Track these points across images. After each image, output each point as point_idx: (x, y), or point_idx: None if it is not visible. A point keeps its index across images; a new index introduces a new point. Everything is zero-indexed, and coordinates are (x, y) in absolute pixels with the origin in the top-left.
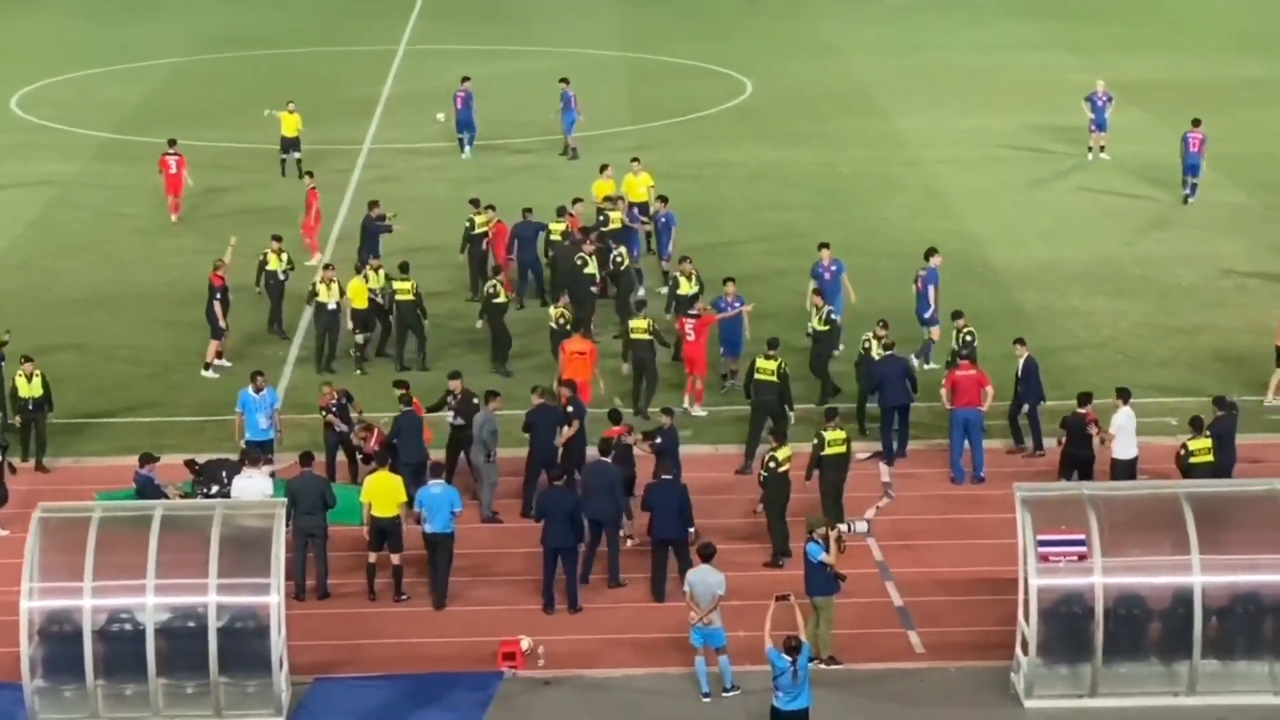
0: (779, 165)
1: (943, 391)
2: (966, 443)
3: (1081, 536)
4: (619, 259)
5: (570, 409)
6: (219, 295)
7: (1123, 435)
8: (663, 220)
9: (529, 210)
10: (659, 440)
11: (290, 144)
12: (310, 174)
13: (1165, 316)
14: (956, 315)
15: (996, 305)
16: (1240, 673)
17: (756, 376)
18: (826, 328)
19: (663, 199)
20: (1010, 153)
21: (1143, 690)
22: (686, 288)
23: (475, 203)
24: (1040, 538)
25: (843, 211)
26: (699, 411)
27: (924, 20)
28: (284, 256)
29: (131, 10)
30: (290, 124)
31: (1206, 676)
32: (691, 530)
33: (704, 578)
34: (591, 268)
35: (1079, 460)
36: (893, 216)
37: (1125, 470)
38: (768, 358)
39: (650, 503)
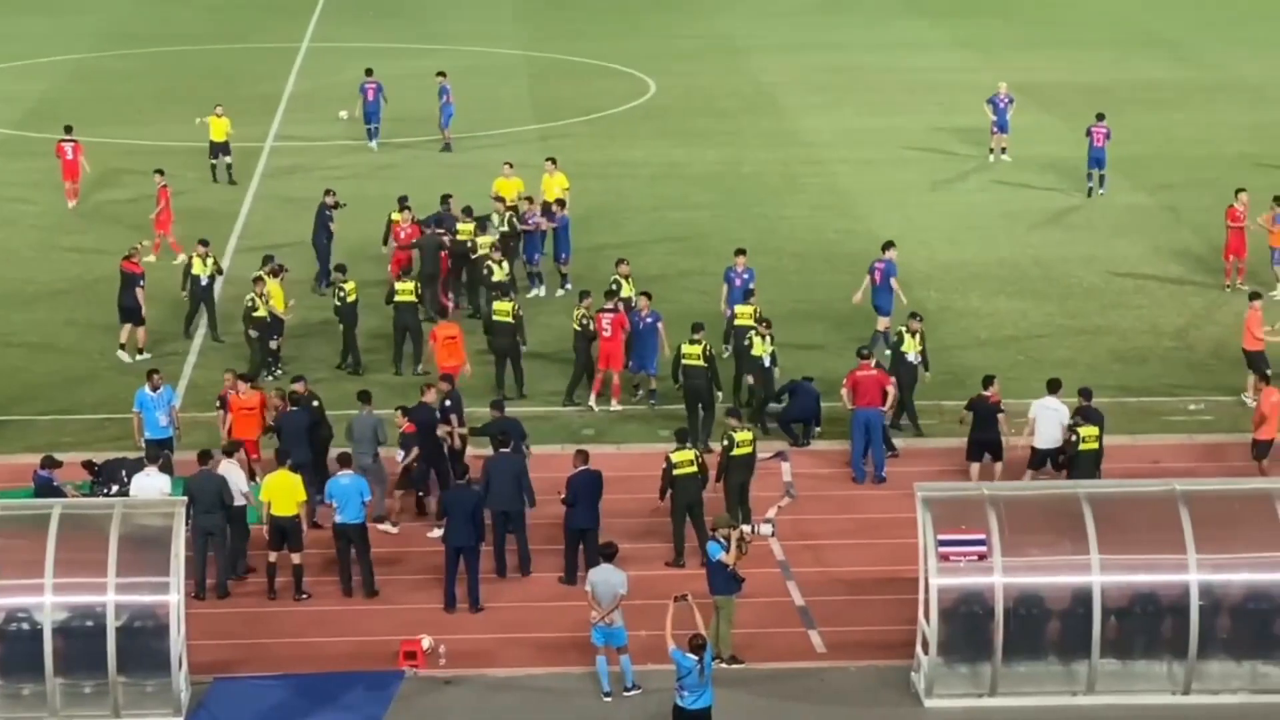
0: (682, 164)
1: (843, 392)
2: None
3: (982, 536)
4: (472, 246)
5: (448, 403)
6: (140, 283)
7: (1043, 424)
8: (559, 222)
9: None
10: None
11: (219, 148)
12: (160, 171)
13: (1066, 317)
14: (913, 316)
15: (898, 304)
16: (1139, 672)
17: (684, 362)
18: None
19: (560, 202)
20: (913, 153)
21: (1042, 689)
22: (628, 290)
23: (403, 200)
24: (941, 537)
25: (745, 210)
26: (615, 406)
27: (827, 20)
28: (209, 261)
29: (23, 4)
30: (219, 128)
31: (1105, 676)
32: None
33: (606, 577)
34: (500, 274)
35: (987, 443)
36: (794, 216)
37: (1041, 460)
38: (693, 342)
39: (572, 492)
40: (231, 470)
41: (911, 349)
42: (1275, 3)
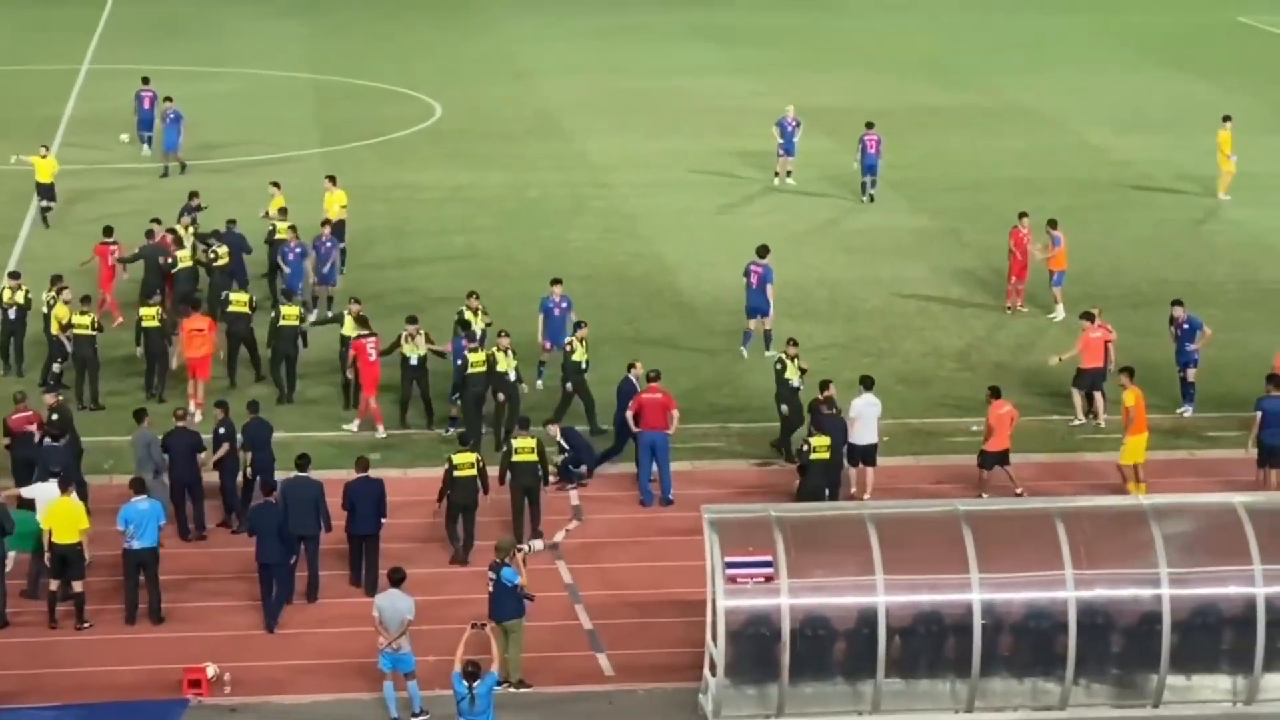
0: (468, 187)
1: (628, 415)
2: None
3: (768, 558)
4: (213, 255)
5: (222, 430)
6: None
7: (863, 421)
8: (327, 245)
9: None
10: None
11: (46, 191)
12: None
13: (851, 339)
14: (791, 342)
15: (685, 328)
16: (923, 691)
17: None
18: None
19: (326, 223)
20: (699, 177)
21: (828, 710)
22: (478, 323)
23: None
24: (728, 559)
25: (531, 234)
26: (381, 433)
27: (612, 44)
28: (20, 293)
29: None
30: (45, 169)
31: (890, 695)
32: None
33: (393, 603)
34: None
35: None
36: (582, 239)
37: (863, 454)
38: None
39: (350, 500)
40: None
41: (794, 374)
42: (1048, 29)
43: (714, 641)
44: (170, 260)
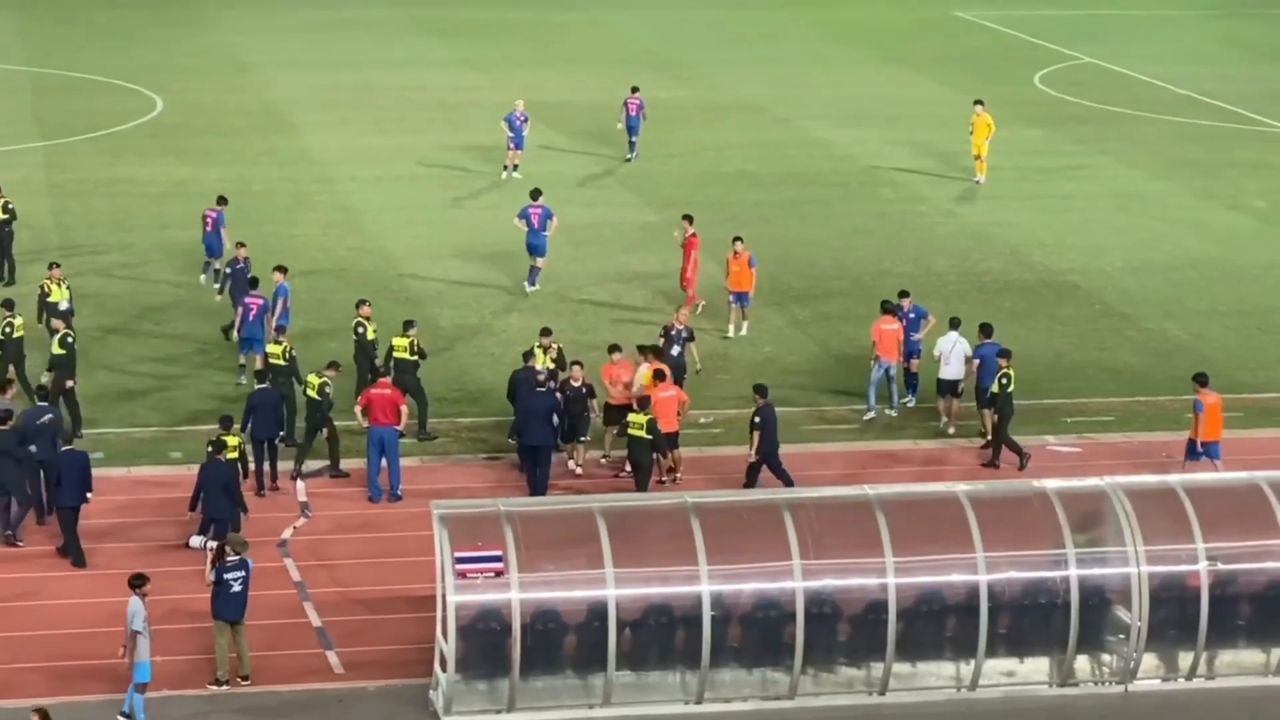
0: (190, 182)
1: (357, 409)
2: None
3: (499, 553)
4: None
5: None
6: None
7: (951, 358)
8: None
9: None
10: None
11: None
12: None
13: (578, 333)
14: (543, 332)
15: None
16: (654, 683)
17: (309, 394)
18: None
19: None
20: (425, 170)
21: (560, 703)
22: (372, 332)
23: None
24: (458, 554)
25: (254, 229)
26: None
27: (334, 37)
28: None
29: None
30: None
31: (621, 688)
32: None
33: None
34: None
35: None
36: (305, 234)
37: (949, 388)
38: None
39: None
40: None
41: (542, 362)
42: (769, 25)
43: (444, 637)
44: None
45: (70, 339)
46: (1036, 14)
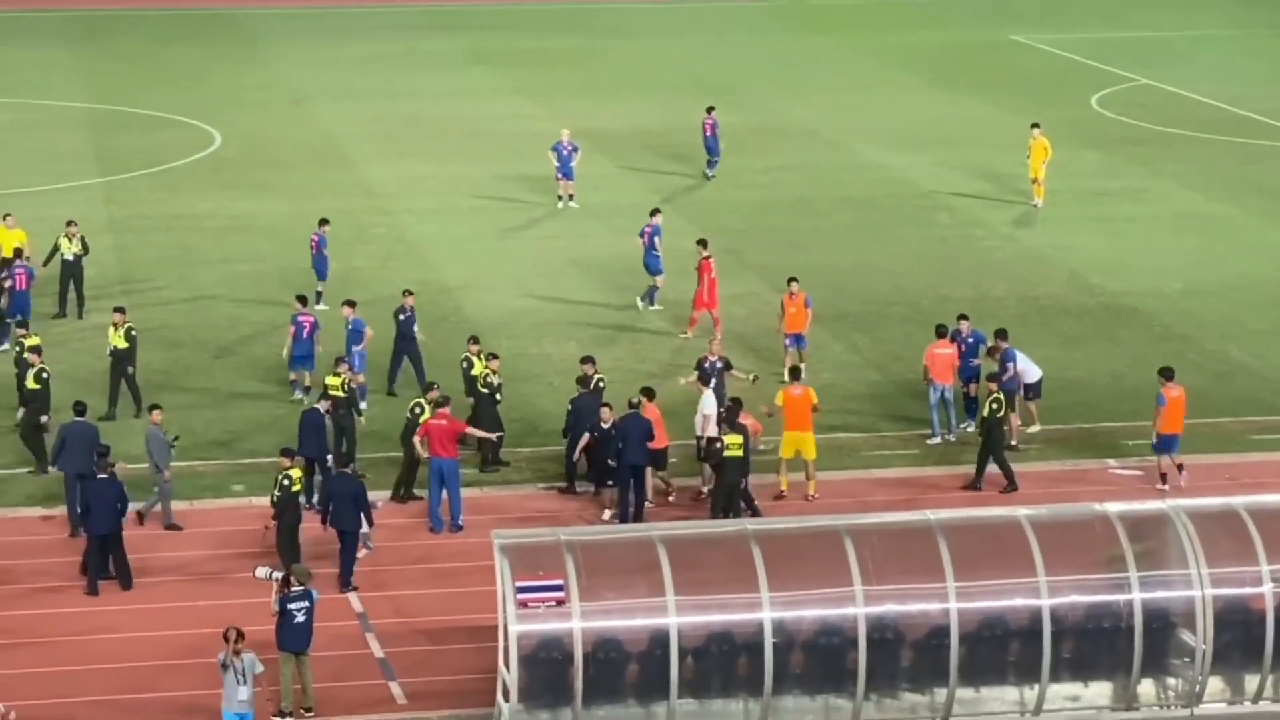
0: (249, 216)
1: (416, 440)
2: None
3: (560, 581)
4: None
5: None
6: None
7: (1028, 362)
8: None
9: None
10: None
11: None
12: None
13: (636, 361)
14: (585, 358)
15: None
16: (716, 711)
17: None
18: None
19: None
20: (481, 201)
21: None
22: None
23: None
24: (519, 583)
25: None
26: None
27: (389, 69)
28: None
29: None
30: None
31: (683, 716)
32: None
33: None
34: None
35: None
36: (365, 267)
37: (1034, 390)
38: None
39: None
40: None
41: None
42: (821, 50)
43: (506, 667)
44: None
45: (45, 374)
46: (1092, 36)
